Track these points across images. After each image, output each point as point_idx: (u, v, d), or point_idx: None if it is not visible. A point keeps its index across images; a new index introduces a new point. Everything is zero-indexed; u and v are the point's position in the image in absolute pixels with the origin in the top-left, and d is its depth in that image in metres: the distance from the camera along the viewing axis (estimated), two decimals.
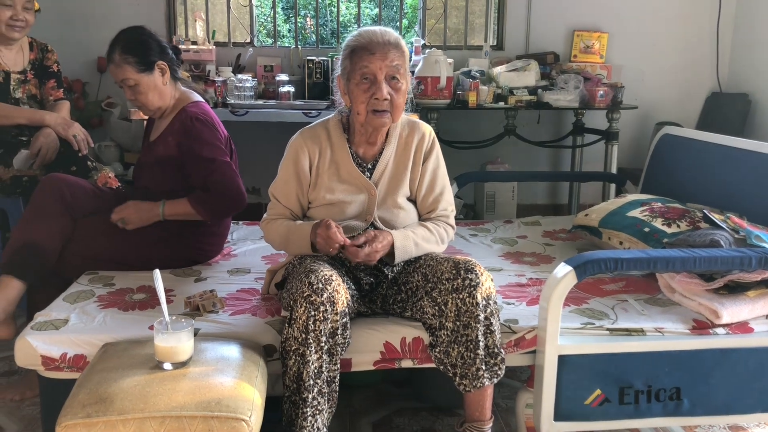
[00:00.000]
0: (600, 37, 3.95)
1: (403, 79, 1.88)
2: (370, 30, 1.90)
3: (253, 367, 1.61)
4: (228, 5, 3.86)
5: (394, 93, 1.87)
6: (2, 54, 2.82)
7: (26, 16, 2.76)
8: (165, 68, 2.25)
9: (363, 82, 1.86)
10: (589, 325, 1.93)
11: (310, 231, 1.88)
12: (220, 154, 2.23)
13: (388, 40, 1.86)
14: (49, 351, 1.75)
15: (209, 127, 2.25)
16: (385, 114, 1.88)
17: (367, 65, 1.84)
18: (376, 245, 1.83)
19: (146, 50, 2.23)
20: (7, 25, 2.72)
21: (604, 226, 2.48)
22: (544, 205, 4.18)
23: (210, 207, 2.21)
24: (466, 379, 1.77)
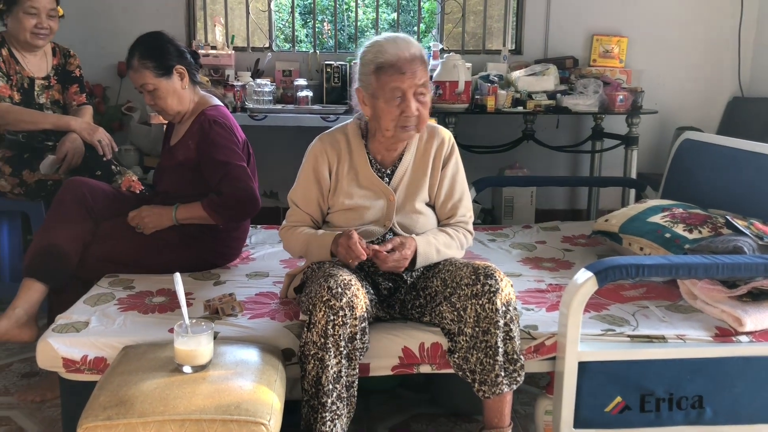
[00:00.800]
0: (619, 42, 3.92)
1: (429, 91, 1.89)
2: (392, 43, 1.85)
3: (272, 371, 1.61)
4: (247, 10, 3.89)
5: (421, 107, 1.87)
6: (27, 60, 2.85)
7: (50, 23, 2.79)
8: (183, 72, 2.27)
9: (394, 99, 1.85)
10: (610, 331, 1.91)
11: (330, 242, 1.88)
12: (235, 158, 2.23)
13: (414, 54, 1.85)
14: (70, 353, 1.76)
15: (226, 130, 2.26)
16: (412, 128, 1.89)
17: (399, 86, 1.83)
18: (405, 252, 1.83)
19: (164, 55, 2.24)
20: (32, 33, 2.76)
21: (625, 232, 2.46)
22: (562, 211, 4.15)
23: (223, 211, 2.22)
24: (485, 385, 1.76)
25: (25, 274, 2.14)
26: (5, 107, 2.70)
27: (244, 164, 2.25)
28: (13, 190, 2.75)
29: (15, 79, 2.80)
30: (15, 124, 2.71)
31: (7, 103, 2.72)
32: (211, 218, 2.22)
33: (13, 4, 2.73)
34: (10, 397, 2.25)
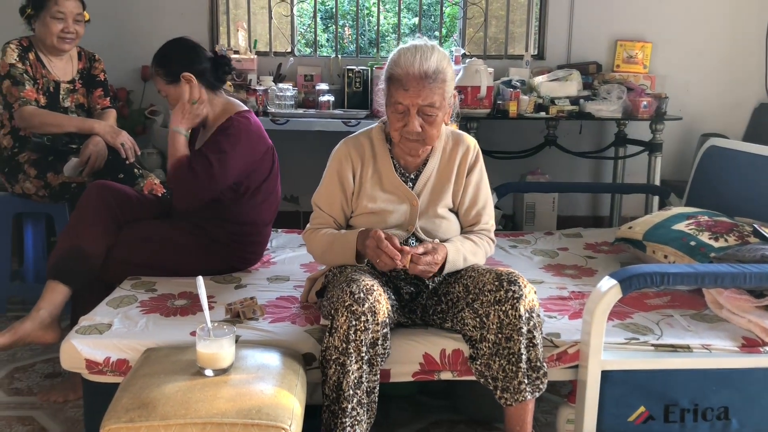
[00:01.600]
0: (643, 47, 3.89)
1: (439, 110, 1.84)
2: (410, 56, 1.82)
3: (293, 375, 1.61)
4: (270, 15, 3.91)
5: (426, 125, 1.85)
6: (53, 64, 2.89)
7: (77, 28, 2.83)
8: (191, 79, 2.26)
9: (397, 111, 1.85)
10: (634, 340, 1.89)
11: (355, 240, 1.87)
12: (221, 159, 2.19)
13: (425, 71, 1.80)
14: (93, 355, 1.78)
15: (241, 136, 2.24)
16: (417, 141, 1.88)
17: (400, 101, 1.82)
18: (436, 257, 1.81)
19: (171, 62, 2.26)
20: (59, 38, 2.79)
21: (649, 240, 2.43)
22: (584, 217, 4.11)
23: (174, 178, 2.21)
24: (507, 392, 1.74)
25: (49, 276, 2.16)
26: (31, 110, 2.74)
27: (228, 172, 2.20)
28: (37, 192, 2.79)
29: (41, 83, 2.84)
30: (40, 127, 2.75)
31: (33, 107, 2.75)
32: (172, 172, 2.22)
33: (41, 8, 2.77)
34: (33, 398, 2.27)
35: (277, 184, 2.43)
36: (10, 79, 2.75)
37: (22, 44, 2.82)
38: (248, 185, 2.30)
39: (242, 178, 2.27)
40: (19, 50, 2.79)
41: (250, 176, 2.29)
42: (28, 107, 2.73)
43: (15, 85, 2.75)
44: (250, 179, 2.29)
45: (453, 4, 4.28)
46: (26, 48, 2.82)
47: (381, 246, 1.76)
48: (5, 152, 2.84)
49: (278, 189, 2.45)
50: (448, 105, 1.88)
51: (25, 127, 2.77)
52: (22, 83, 2.75)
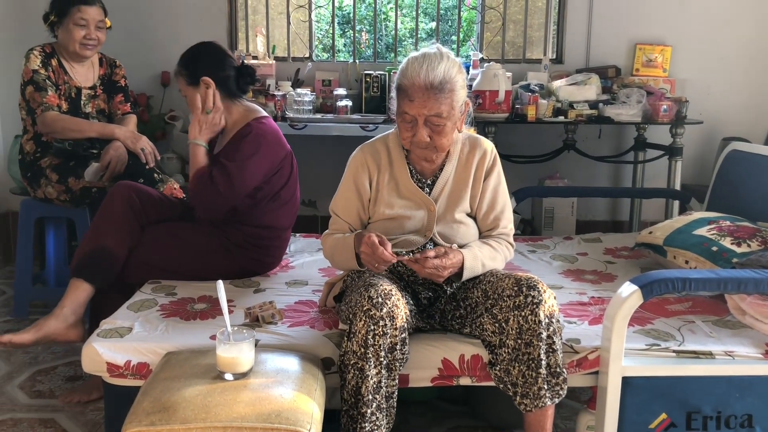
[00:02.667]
0: (663, 51, 3.85)
1: (448, 120, 1.83)
2: (417, 66, 1.81)
3: (312, 380, 1.61)
4: (288, 21, 3.93)
5: (435, 135, 1.84)
6: (74, 70, 2.93)
7: (98, 34, 2.87)
8: (209, 84, 2.27)
9: (405, 120, 1.85)
10: (655, 346, 1.87)
11: (352, 243, 1.87)
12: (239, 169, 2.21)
13: (431, 82, 1.79)
14: (114, 358, 1.79)
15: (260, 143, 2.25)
16: (427, 150, 1.87)
17: (406, 111, 1.83)
18: (445, 261, 1.80)
19: (195, 65, 2.29)
20: (81, 44, 2.83)
21: (669, 245, 2.41)
22: (603, 222, 4.08)
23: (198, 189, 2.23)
24: (527, 398, 1.73)
25: (73, 275, 2.19)
26: (53, 116, 2.77)
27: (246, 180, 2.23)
28: (59, 196, 2.82)
29: (63, 89, 2.88)
30: (62, 132, 2.78)
31: (55, 112, 2.79)
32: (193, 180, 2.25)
33: (64, 15, 2.81)
34: (55, 400, 2.30)
35: (296, 189, 2.44)
36: (33, 85, 2.79)
37: (45, 51, 2.86)
38: (267, 191, 2.31)
39: (261, 183, 2.28)
40: (42, 56, 2.83)
41: (269, 182, 2.30)
42: (50, 113, 2.77)
43: (38, 90, 2.78)
44: (268, 185, 2.30)
45: (470, 9, 4.28)
46: (49, 54, 2.86)
47: (377, 252, 1.75)
48: (28, 157, 2.88)
49: (297, 194, 2.45)
50: (458, 113, 1.87)
51: (48, 132, 2.80)
52: (44, 89, 2.79)
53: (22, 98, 2.86)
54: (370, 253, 1.78)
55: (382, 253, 1.76)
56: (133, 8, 3.80)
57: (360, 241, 1.82)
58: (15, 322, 2.97)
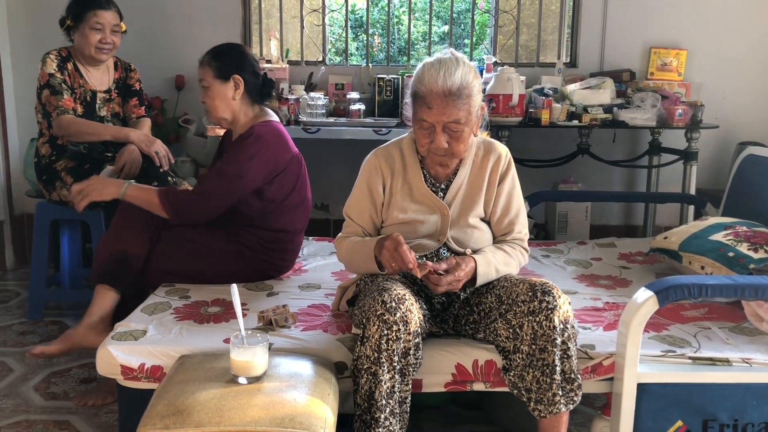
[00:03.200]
0: (678, 55, 3.83)
1: (465, 125, 1.82)
2: (433, 72, 1.80)
3: (325, 384, 1.61)
4: (302, 25, 3.94)
5: (453, 141, 1.84)
6: (90, 74, 2.95)
7: (114, 38, 2.89)
8: (239, 84, 2.30)
9: (422, 127, 1.85)
10: (670, 352, 1.85)
11: (374, 246, 1.86)
12: (243, 172, 2.22)
13: (449, 89, 1.78)
14: (129, 361, 1.80)
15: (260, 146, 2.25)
16: (445, 156, 1.87)
17: (424, 118, 1.82)
18: (458, 273, 1.79)
19: (228, 61, 2.31)
20: (97, 48, 2.85)
21: (685, 250, 2.38)
22: (617, 227, 4.06)
23: (177, 205, 2.22)
24: (541, 404, 1.72)
25: (97, 281, 2.22)
26: (69, 119, 2.79)
27: (244, 183, 2.24)
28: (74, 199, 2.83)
29: (79, 93, 2.90)
30: (77, 135, 2.80)
31: (70, 115, 2.81)
32: (162, 208, 2.22)
33: (80, 20, 2.84)
34: (69, 402, 2.31)
35: (306, 192, 2.44)
36: (49, 89, 2.81)
37: (61, 54, 2.89)
38: (275, 193, 2.31)
39: (265, 186, 2.29)
40: (58, 60, 2.86)
41: (274, 183, 2.31)
42: (65, 116, 2.79)
43: (54, 94, 2.81)
44: (275, 187, 2.31)
45: (484, 12, 4.27)
46: (65, 58, 2.88)
47: (399, 249, 1.75)
48: (43, 160, 2.90)
49: (308, 197, 2.46)
50: (475, 118, 1.86)
51: (63, 135, 2.82)
52: (60, 92, 2.81)
53: (38, 102, 2.88)
54: (392, 249, 1.77)
55: (404, 251, 1.75)
56: (148, 12, 3.83)
57: (382, 244, 1.82)
58: (30, 324, 2.99)
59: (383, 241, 1.82)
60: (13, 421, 2.19)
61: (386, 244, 1.79)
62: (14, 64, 3.80)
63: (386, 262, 1.81)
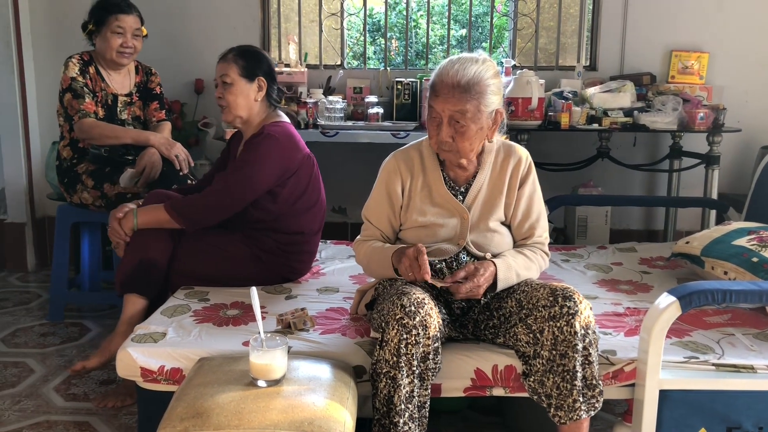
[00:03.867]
0: (700, 57, 3.79)
1: (471, 122, 1.81)
2: (449, 65, 1.83)
3: (344, 388, 1.61)
4: (320, 29, 3.95)
5: (456, 136, 1.83)
6: (111, 78, 2.97)
7: (135, 43, 2.91)
8: (263, 86, 2.33)
9: (433, 118, 1.86)
10: (693, 359, 1.83)
11: (391, 254, 1.86)
12: (256, 172, 2.25)
13: (458, 81, 1.79)
14: (148, 363, 1.80)
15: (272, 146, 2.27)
16: (450, 152, 1.87)
17: (432, 105, 1.84)
18: (478, 279, 1.78)
19: (256, 63, 2.34)
20: (118, 52, 2.88)
21: (707, 255, 2.35)
22: (638, 231, 4.02)
23: (188, 210, 2.24)
24: (561, 410, 1.70)
25: (125, 291, 2.24)
26: (90, 122, 2.82)
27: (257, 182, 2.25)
28: (94, 202, 2.86)
29: (100, 96, 2.92)
30: (99, 138, 2.82)
31: (92, 119, 2.83)
32: (174, 221, 2.23)
33: (102, 24, 2.87)
34: (89, 403, 2.32)
35: (320, 192, 2.44)
36: (71, 92, 2.84)
37: (83, 58, 2.91)
38: (288, 195, 2.32)
39: (278, 187, 2.30)
40: (80, 64, 2.89)
41: (288, 185, 2.31)
42: (87, 119, 2.82)
43: (75, 97, 2.83)
44: (288, 188, 2.32)
45: (502, 16, 4.26)
46: (87, 62, 2.91)
47: (420, 258, 1.75)
48: (65, 163, 2.93)
49: (322, 197, 2.46)
50: (486, 119, 1.84)
51: (84, 138, 2.85)
52: (82, 96, 2.84)
53: (60, 105, 2.91)
54: (412, 258, 1.77)
55: (424, 261, 1.74)
56: (169, 17, 3.85)
57: (401, 253, 1.81)
58: (51, 326, 3.02)
59: (403, 250, 1.82)
60: (34, 422, 2.20)
61: (408, 252, 1.79)
62: (37, 68, 3.84)
63: (404, 272, 1.81)
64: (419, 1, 5.71)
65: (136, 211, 2.27)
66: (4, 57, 3.71)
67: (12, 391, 2.41)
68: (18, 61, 3.74)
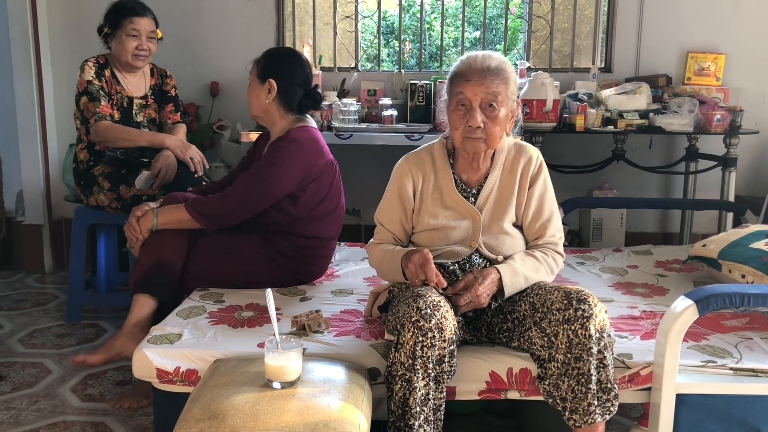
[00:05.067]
0: (716, 59, 3.76)
1: (502, 106, 1.84)
2: (472, 55, 1.88)
3: (359, 390, 1.61)
4: (335, 31, 3.96)
5: (488, 121, 1.84)
6: (126, 81, 3.00)
7: (150, 45, 2.94)
8: (272, 88, 2.33)
9: (459, 108, 1.86)
10: (711, 363, 1.81)
11: (400, 257, 1.87)
12: (279, 174, 2.25)
13: (488, 66, 1.84)
14: (164, 364, 1.81)
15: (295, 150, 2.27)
16: (479, 140, 1.86)
17: (462, 91, 1.84)
18: (476, 289, 1.78)
19: (272, 65, 2.35)
20: (133, 55, 2.90)
21: (724, 258, 2.33)
22: (653, 234, 3.99)
23: (210, 211, 2.25)
24: (576, 414, 1.69)
25: (137, 291, 2.24)
26: (106, 125, 2.84)
27: (278, 184, 2.26)
28: (110, 204, 2.88)
29: (116, 99, 2.95)
30: (114, 141, 2.85)
31: (108, 122, 2.86)
32: (195, 220, 2.24)
33: (117, 27, 2.89)
34: (105, 404, 2.34)
35: (340, 198, 2.45)
36: (87, 96, 2.87)
37: (99, 62, 2.94)
38: (309, 199, 2.32)
39: (299, 191, 2.30)
40: (95, 68, 2.91)
41: (309, 189, 2.32)
42: (103, 122, 2.84)
43: (91, 101, 2.86)
44: (309, 193, 2.32)
45: (516, 18, 4.25)
46: (102, 65, 2.94)
47: (426, 267, 1.76)
48: (81, 165, 2.96)
49: (342, 204, 2.46)
50: (511, 107, 1.87)
51: (101, 141, 2.87)
52: (98, 99, 2.87)
53: (76, 108, 2.94)
54: (418, 265, 1.78)
55: (430, 270, 1.76)
56: (184, 20, 3.88)
57: (409, 257, 1.82)
58: (68, 327, 3.05)
59: (411, 254, 1.82)
60: (51, 422, 2.22)
61: (414, 258, 1.80)
62: (54, 72, 3.88)
63: (411, 276, 1.81)
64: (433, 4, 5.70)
65: (157, 211, 2.28)
66: (22, 61, 3.76)
67: (29, 391, 2.43)
68: (36, 65, 3.79)
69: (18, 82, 3.78)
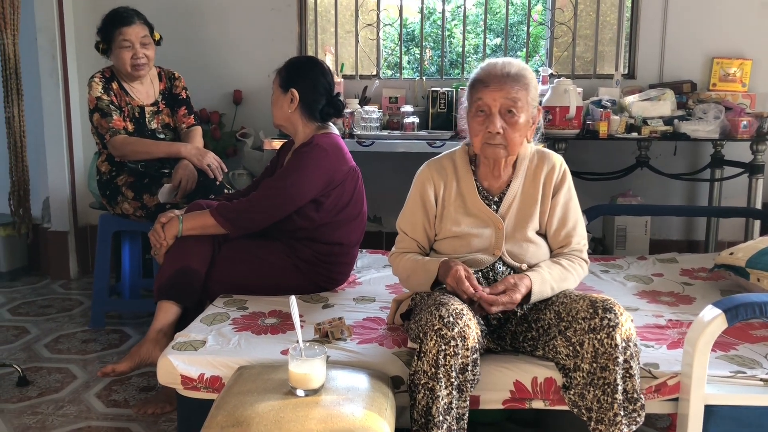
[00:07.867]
0: (742, 64, 3.71)
1: (522, 112, 1.83)
2: (492, 62, 1.89)
3: (382, 398, 1.60)
4: (356, 39, 3.97)
5: (508, 127, 1.83)
6: (135, 90, 3.00)
7: (145, 52, 2.92)
8: (294, 98, 2.34)
9: (478, 114, 1.85)
10: (740, 373, 1.78)
11: (435, 269, 1.87)
12: (301, 180, 2.27)
13: (507, 72, 1.84)
14: (188, 371, 1.82)
15: (318, 156, 2.29)
16: (499, 146, 1.85)
17: (481, 97, 1.84)
18: (515, 296, 1.77)
19: (294, 74, 2.37)
20: (132, 65, 2.90)
21: (753, 267, 2.30)
22: (678, 242, 3.94)
23: (235, 216, 2.27)
24: (602, 424, 1.67)
25: (161, 297, 2.26)
26: (122, 140, 2.86)
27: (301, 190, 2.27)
28: (135, 212, 2.90)
29: (127, 110, 2.96)
30: (132, 155, 2.87)
31: (123, 136, 2.87)
32: (220, 226, 2.26)
33: (110, 41, 2.90)
34: (130, 410, 2.36)
35: (362, 205, 2.45)
36: (98, 112, 2.88)
37: (105, 75, 2.95)
38: (331, 205, 2.33)
39: (322, 197, 2.31)
40: (102, 82, 2.92)
41: (332, 195, 2.33)
42: (118, 137, 2.85)
43: (103, 117, 2.87)
44: (332, 199, 2.33)
45: (538, 25, 4.23)
46: (109, 79, 2.95)
47: (461, 286, 1.77)
48: (104, 177, 2.97)
49: (364, 210, 2.47)
50: (531, 114, 1.87)
51: (118, 155, 2.89)
52: (109, 114, 2.88)
53: (91, 125, 2.95)
54: (454, 286, 1.80)
55: (467, 288, 1.77)
56: (206, 29, 3.92)
57: (447, 271, 1.82)
58: (92, 332, 3.08)
59: (449, 264, 1.83)
60: (76, 427, 2.24)
61: (449, 281, 1.81)
62: (81, 79, 3.93)
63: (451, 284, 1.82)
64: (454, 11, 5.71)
65: (182, 218, 2.30)
66: (50, 69, 3.82)
67: (55, 397, 2.46)
68: (63, 73, 3.85)
69: (45, 89, 3.84)
